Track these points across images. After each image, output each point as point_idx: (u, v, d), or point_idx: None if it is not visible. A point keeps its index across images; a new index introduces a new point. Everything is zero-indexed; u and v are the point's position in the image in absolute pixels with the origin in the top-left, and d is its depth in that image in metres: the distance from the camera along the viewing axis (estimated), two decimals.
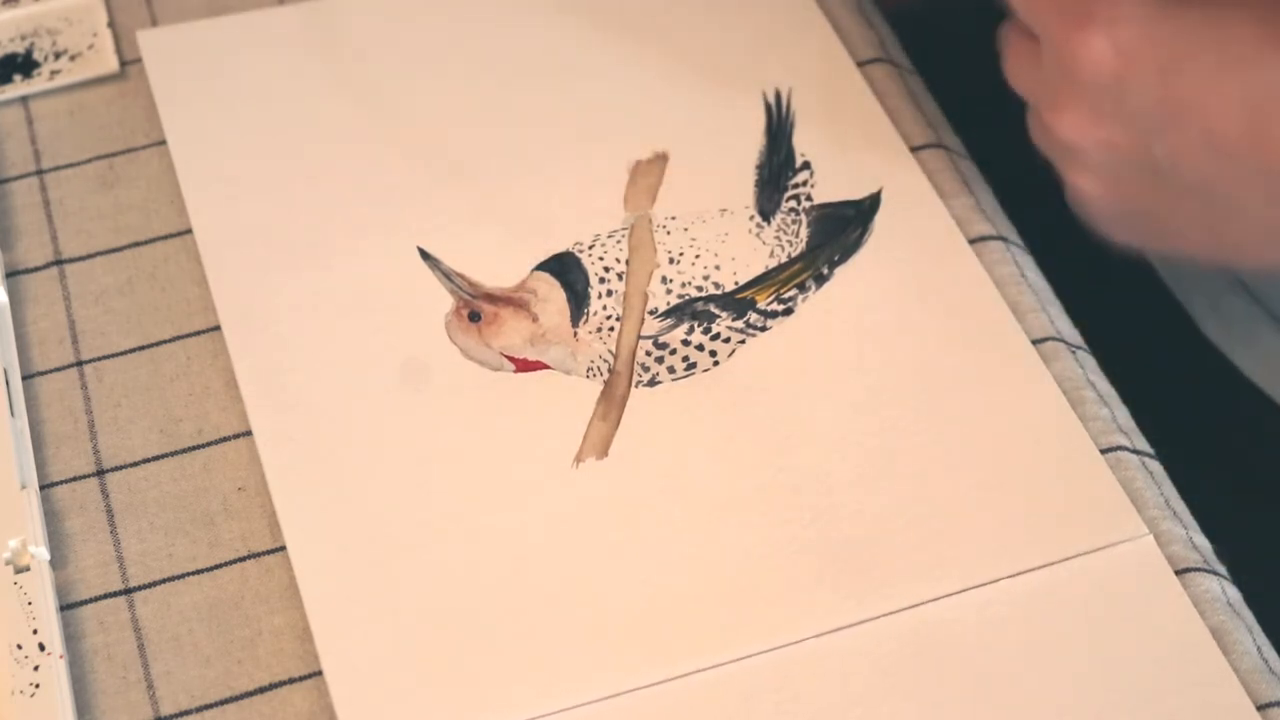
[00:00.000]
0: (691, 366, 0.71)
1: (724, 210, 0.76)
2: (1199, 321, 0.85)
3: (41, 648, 0.63)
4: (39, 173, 0.77)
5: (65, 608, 0.65)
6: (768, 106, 0.79)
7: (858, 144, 0.78)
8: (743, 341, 0.71)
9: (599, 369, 0.70)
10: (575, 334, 0.71)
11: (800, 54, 0.80)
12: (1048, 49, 0.66)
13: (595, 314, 0.72)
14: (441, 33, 0.81)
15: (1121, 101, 0.65)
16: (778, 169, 0.77)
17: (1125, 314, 0.88)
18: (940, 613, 0.64)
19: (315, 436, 0.68)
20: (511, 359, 0.71)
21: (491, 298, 0.72)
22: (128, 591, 0.65)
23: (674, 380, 0.70)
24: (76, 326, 0.72)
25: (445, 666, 0.63)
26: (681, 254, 0.74)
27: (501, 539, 0.66)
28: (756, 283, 0.73)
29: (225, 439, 0.69)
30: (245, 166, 0.77)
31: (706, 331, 0.71)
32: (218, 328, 0.72)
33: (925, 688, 0.62)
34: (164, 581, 0.66)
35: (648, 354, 0.71)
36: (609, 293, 0.73)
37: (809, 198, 0.76)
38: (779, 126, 0.78)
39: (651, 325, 0.72)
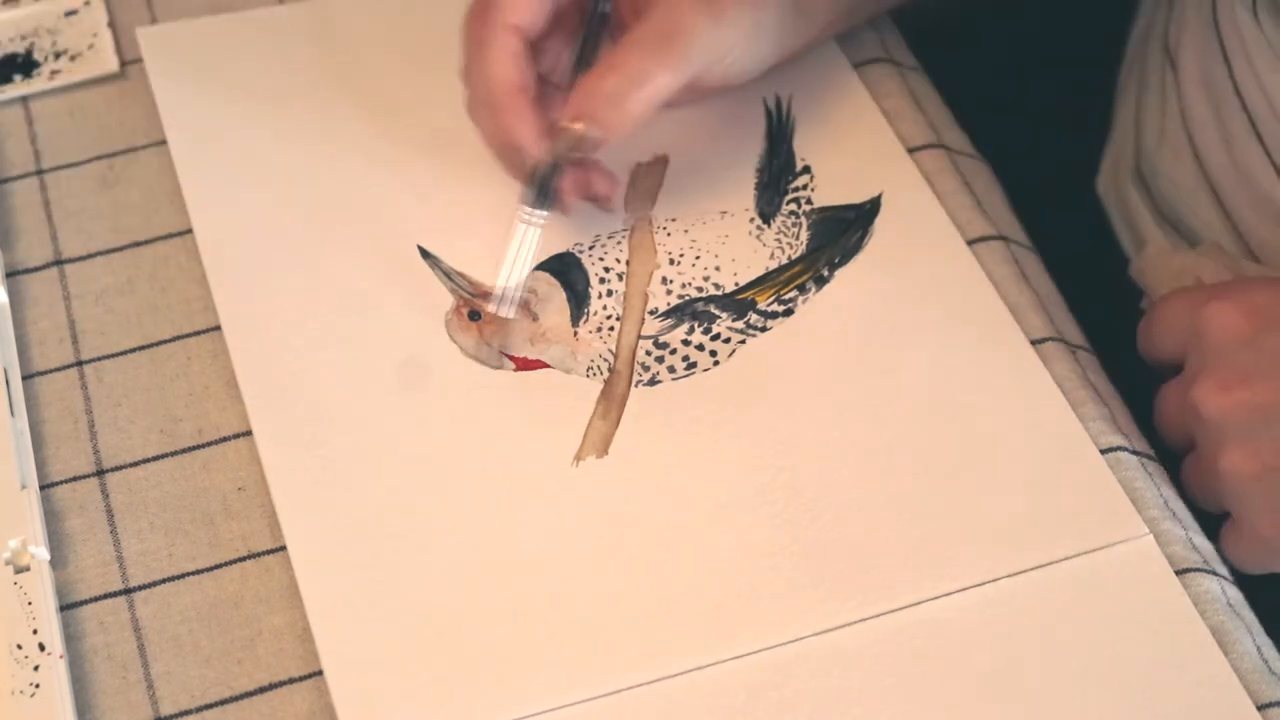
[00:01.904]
0: (692, 366, 0.71)
1: (724, 213, 0.76)
2: None
3: (41, 648, 0.63)
4: (39, 173, 0.77)
5: (65, 608, 0.65)
6: (768, 111, 0.79)
7: (857, 147, 0.78)
8: (743, 342, 0.71)
9: (599, 368, 0.70)
10: (575, 333, 0.71)
11: (800, 59, 0.80)
12: (1189, 345, 0.69)
13: (595, 314, 0.72)
14: (441, 32, 0.81)
15: (1259, 354, 0.66)
16: (778, 172, 0.77)
17: (1126, 316, 0.88)
18: (940, 612, 0.64)
19: (315, 436, 0.68)
20: (512, 358, 0.71)
21: (492, 297, 0.72)
22: (128, 591, 0.65)
23: (674, 380, 0.70)
24: (76, 326, 0.72)
25: (445, 666, 0.63)
26: (682, 255, 0.74)
27: (502, 538, 0.66)
28: (757, 284, 0.73)
29: (225, 439, 0.69)
30: (245, 166, 0.77)
31: (707, 332, 0.71)
32: (218, 328, 0.72)
33: (925, 686, 0.62)
34: (164, 581, 0.66)
35: (648, 354, 0.71)
36: (609, 293, 0.73)
37: (809, 201, 0.76)
38: (779, 130, 0.78)
39: (652, 325, 0.72)
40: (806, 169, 0.77)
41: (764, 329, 0.72)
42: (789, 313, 0.72)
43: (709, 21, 0.71)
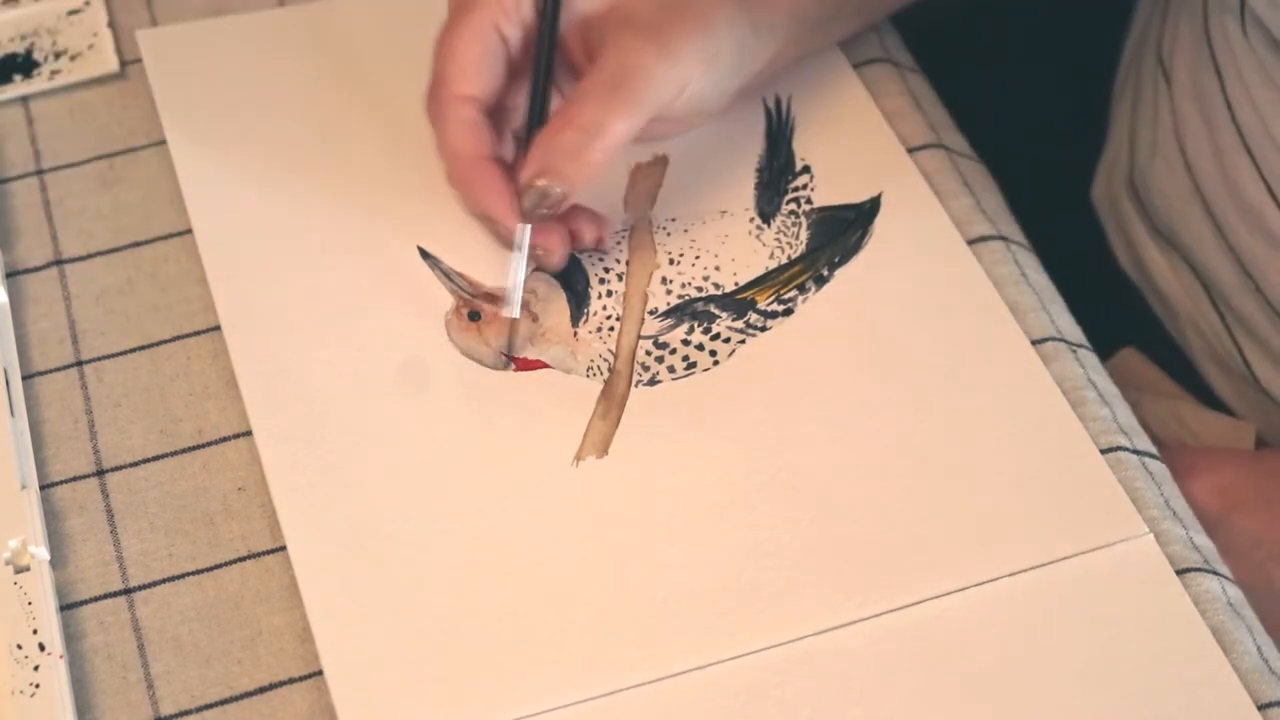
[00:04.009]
0: (692, 366, 0.71)
1: (724, 212, 0.76)
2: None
3: (41, 648, 0.63)
4: (39, 173, 0.77)
5: (65, 608, 0.65)
6: (767, 111, 0.79)
7: (857, 147, 0.78)
8: (743, 341, 0.71)
9: (599, 368, 0.70)
10: (575, 333, 0.71)
11: (799, 59, 0.80)
12: None
13: (595, 314, 0.72)
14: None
15: (1231, 534, 0.69)
16: (778, 172, 0.77)
17: (1126, 316, 0.88)
18: (940, 611, 0.64)
19: (315, 436, 0.68)
20: (512, 358, 0.71)
21: (491, 297, 0.72)
22: (128, 591, 0.65)
23: (674, 380, 0.70)
24: (76, 326, 0.72)
25: (445, 666, 0.63)
26: (682, 255, 0.74)
27: (502, 538, 0.66)
28: (756, 283, 0.73)
29: (225, 439, 0.69)
30: (245, 166, 0.77)
31: (706, 331, 0.71)
32: (218, 328, 0.72)
33: (925, 685, 0.62)
34: (164, 581, 0.66)
35: (648, 353, 0.71)
36: (609, 293, 0.73)
37: (809, 201, 0.76)
38: (779, 130, 0.78)
39: (652, 325, 0.72)
40: (806, 169, 0.77)
41: (764, 329, 0.72)
42: (789, 312, 0.72)
43: (659, 62, 0.70)
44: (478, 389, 0.70)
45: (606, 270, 0.73)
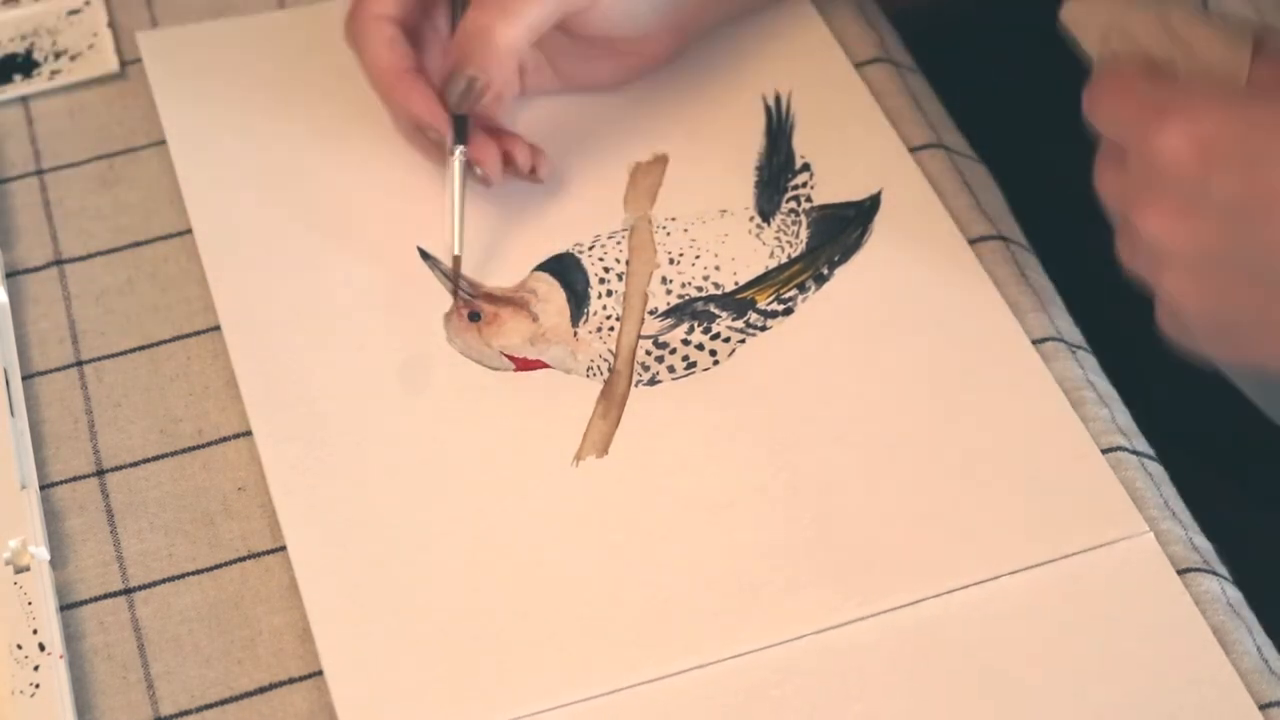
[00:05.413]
0: (692, 366, 0.71)
1: (724, 211, 0.76)
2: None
3: (41, 648, 0.63)
4: (39, 173, 0.77)
5: (65, 608, 0.65)
6: (767, 109, 0.79)
7: (857, 145, 0.78)
8: (743, 341, 0.71)
9: (599, 368, 0.70)
10: (575, 333, 0.71)
11: (799, 57, 0.81)
12: (1131, 154, 0.64)
13: (595, 314, 0.72)
14: None
15: (1206, 195, 0.62)
16: (777, 170, 0.77)
17: (1127, 313, 0.88)
18: (941, 610, 0.64)
19: (315, 436, 0.68)
20: (512, 358, 0.71)
21: (491, 297, 0.72)
22: (128, 591, 0.65)
23: (674, 379, 0.70)
24: (76, 326, 0.72)
25: (445, 665, 0.63)
26: (681, 254, 0.74)
27: (502, 537, 0.66)
28: (756, 283, 0.73)
29: (225, 439, 0.69)
30: (245, 166, 0.77)
31: (706, 331, 0.71)
32: (218, 328, 0.72)
33: (925, 684, 0.62)
34: (164, 581, 0.66)
35: (648, 353, 0.71)
36: (609, 293, 0.73)
37: (809, 199, 0.76)
38: (778, 128, 0.78)
39: (652, 325, 0.72)
40: (806, 167, 0.77)
41: (764, 328, 0.72)
42: (789, 312, 0.72)
43: None
44: (478, 389, 0.70)
45: (606, 270, 0.73)
